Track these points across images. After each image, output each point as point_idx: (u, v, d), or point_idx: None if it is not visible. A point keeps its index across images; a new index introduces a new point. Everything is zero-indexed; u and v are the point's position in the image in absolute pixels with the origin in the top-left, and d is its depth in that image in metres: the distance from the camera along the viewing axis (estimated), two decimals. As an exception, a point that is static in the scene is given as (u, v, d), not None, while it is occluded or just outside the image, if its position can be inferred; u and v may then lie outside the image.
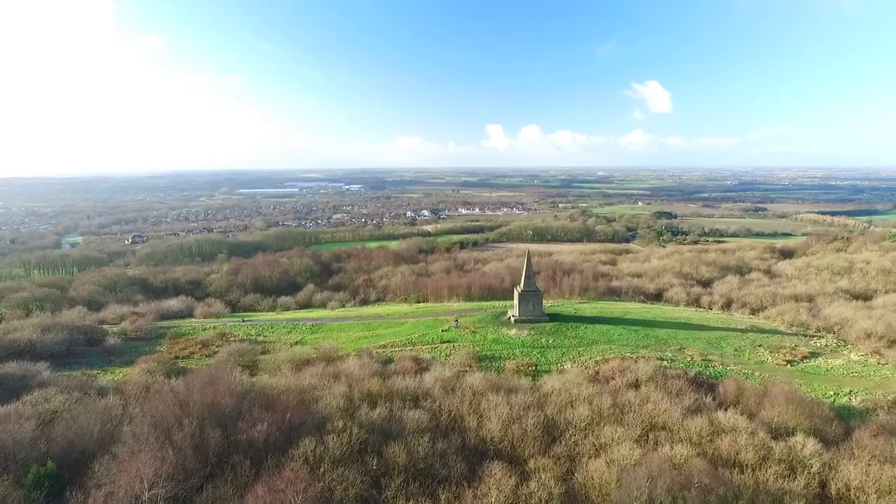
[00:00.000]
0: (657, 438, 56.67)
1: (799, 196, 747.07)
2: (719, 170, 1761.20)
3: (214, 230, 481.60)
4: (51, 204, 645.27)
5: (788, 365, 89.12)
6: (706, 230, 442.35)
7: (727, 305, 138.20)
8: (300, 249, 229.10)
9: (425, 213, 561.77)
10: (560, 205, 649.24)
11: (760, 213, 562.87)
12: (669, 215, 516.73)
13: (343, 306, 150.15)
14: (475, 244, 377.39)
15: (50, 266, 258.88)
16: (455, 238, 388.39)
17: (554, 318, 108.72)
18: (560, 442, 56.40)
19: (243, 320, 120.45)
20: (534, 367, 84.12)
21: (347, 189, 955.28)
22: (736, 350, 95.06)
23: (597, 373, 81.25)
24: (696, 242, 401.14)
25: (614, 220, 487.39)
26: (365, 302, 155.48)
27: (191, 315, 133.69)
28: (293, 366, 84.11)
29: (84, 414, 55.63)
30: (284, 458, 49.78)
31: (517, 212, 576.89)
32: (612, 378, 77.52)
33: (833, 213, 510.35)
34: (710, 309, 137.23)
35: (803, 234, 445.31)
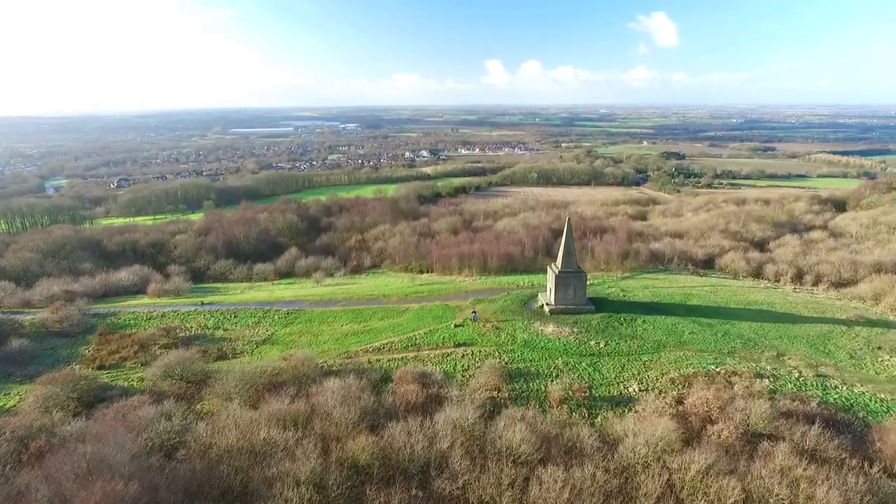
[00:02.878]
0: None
1: (807, 135, 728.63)
2: (724, 107, 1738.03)
3: (204, 173, 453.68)
4: (38, 145, 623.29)
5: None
6: (718, 172, 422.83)
7: (798, 277, 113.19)
8: (284, 201, 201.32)
9: (424, 153, 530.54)
10: (563, 144, 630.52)
11: (769, 153, 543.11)
12: (678, 156, 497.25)
13: (331, 276, 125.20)
14: (478, 189, 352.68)
15: (17, 216, 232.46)
16: (456, 182, 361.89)
17: (599, 305, 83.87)
18: None
19: (202, 304, 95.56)
20: (588, 394, 59.85)
21: (344, 128, 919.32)
22: (852, 357, 70.74)
23: (681, 406, 57.07)
24: (710, 185, 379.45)
25: (622, 162, 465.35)
26: (357, 270, 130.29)
27: (143, 291, 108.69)
28: (249, 392, 60.03)
29: None
30: None
31: (519, 152, 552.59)
32: (709, 418, 53.44)
33: (844, 153, 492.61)
34: (778, 281, 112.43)
35: (819, 176, 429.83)
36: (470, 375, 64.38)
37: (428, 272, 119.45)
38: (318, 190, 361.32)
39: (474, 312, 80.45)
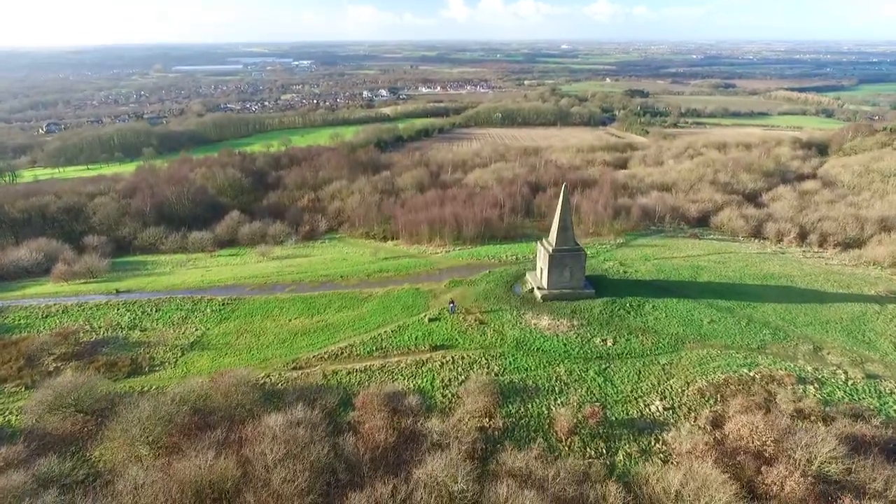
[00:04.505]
0: None
1: (765, 71, 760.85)
2: (684, 43, 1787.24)
3: (145, 115, 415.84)
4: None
5: None
6: (683, 110, 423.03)
7: (802, 237, 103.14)
8: (226, 153, 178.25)
9: (383, 92, 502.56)
10: (525, 82, 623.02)
11: (731, 90, 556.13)
12: (641, 93, 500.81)
13: (281, 243, 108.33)
14: (441, 131, 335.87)
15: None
16: (418, 123, 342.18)
17: (598, 286, 70.84)
18: None
19: (117, 292, 78.06)
20: (602, 417, 47.28)
21: (297, 65, 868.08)
22: (896, 346, 60.51)
23: (721, 432, 45.29)
24: (676, 125, 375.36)
25: (587, 100, 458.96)
26: (311, 236, 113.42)
27: (47, 272, 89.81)
28: (163, 434, 45.08)
29: None
30: None
31: (482, 90, 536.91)
32: (763, 455, 41.76)
33: (801, 90, 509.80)
34: (781, 241, 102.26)
35: (780, 114, 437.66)
36: (453, 395, 50.87)
37: (393, 239, 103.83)
38: (271, 134, 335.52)
39: (452, 303, 66.19)
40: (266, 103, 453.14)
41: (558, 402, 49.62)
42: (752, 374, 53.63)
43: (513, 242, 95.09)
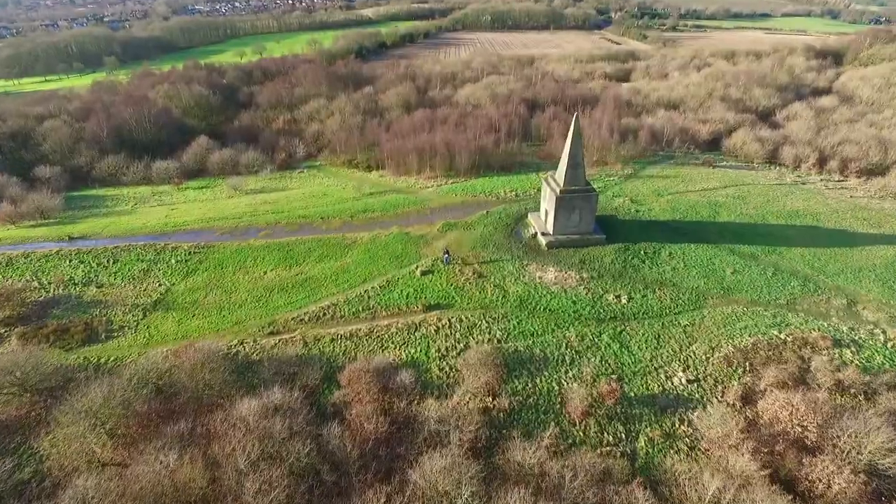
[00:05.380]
0: None
1: None
2: None
3: (105, 19, 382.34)
4: None
5: None
6: (682, 11, 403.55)
7: (821, 163, 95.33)
8: (192, 66, 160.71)
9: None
10: None
11: None
12: None
13: (255, 173, 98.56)
14: (426, 35, 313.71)
15: None
16: (402, 27, 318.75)
17: (608, 228, 63.71)
18: None
19: (70, 239, 69.48)
20: (619, 396, 41.90)
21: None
22: (936, 299, 55.16)
23: (753, 411, 40.37)
24: (675, 28, 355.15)
25: (581, 0, 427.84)
26: (288, 164, 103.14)
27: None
28: (120, 422, 39.19)
29: None
30: None
31: None
32: (803, 443, 36.98)
33: None
34: (798, 167, 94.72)
35: (783, 15, 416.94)
36: (451, 368, 45.05)
37: (378, 169, 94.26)
38: (244, 40, 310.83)
39: (447, 253, 58.84)
40: (237, 3, 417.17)
41: (570, 374, 44.11)
42: (782, 336, 48.21)
43: (511, 174, 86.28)
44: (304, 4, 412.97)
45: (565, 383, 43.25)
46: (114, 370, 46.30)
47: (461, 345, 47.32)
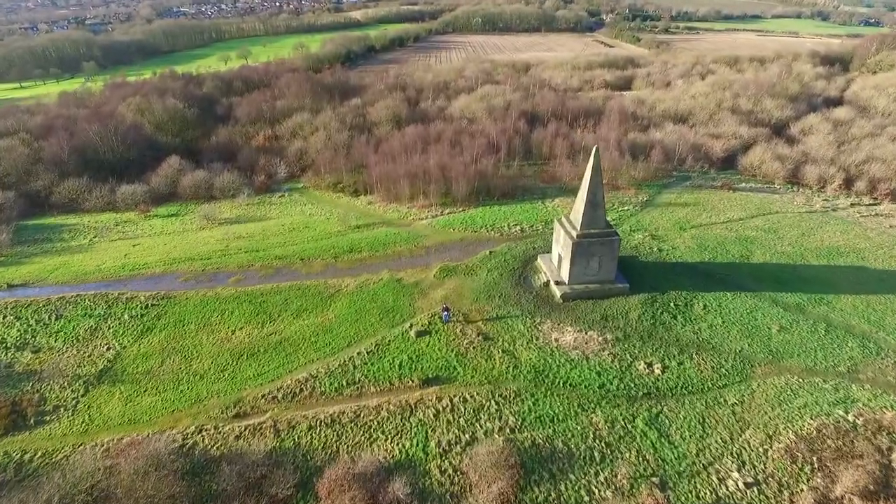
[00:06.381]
0: None
1: None
2: None
3: (87, 21, 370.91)
4: None
5: None
6: (674, 13, 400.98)
7: (848, 184, 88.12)
8: (169, 76, 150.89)
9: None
10: None
11: None
12: None
13: (231, 198, 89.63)
14: (417, 39, 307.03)
15: None
16: (392, 30, 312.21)
17: (630, 273, 55.50)
18: None
19: (8, 287, 60.17)
20: (668, 509, 33.67)
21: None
22: None
23: (837, 538, 32.37)
24: (667, 30, 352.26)
25: (572, 2, 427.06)
26: (268, 188, 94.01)
27: (-71, 252, 70.72)
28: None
29: None
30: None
31: None
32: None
33: None
34: (823, 189, 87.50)
35: (774, 16, 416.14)
36: (455, 470, 36.57)
37: (366, 194, 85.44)
38: (229, 43, 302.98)
39: (446, 310, 50.21)
40: (223, 5, 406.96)
41: (601, 478, 35.78)
42: (850, 417, 40.22)
43: (513, 202, 77.74)
44: (291, 6, 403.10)
45: (597, 490, 34.96)
46: (40, 470, 37.49)
47: (466, 435, 38.89)
